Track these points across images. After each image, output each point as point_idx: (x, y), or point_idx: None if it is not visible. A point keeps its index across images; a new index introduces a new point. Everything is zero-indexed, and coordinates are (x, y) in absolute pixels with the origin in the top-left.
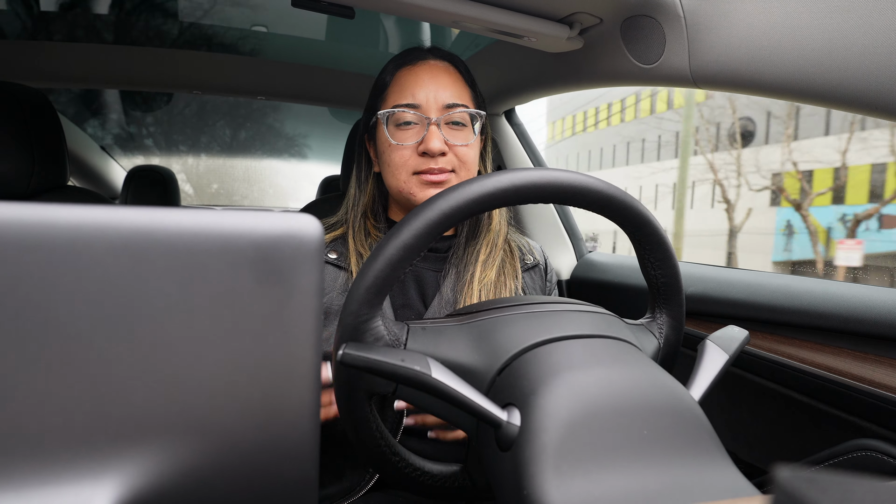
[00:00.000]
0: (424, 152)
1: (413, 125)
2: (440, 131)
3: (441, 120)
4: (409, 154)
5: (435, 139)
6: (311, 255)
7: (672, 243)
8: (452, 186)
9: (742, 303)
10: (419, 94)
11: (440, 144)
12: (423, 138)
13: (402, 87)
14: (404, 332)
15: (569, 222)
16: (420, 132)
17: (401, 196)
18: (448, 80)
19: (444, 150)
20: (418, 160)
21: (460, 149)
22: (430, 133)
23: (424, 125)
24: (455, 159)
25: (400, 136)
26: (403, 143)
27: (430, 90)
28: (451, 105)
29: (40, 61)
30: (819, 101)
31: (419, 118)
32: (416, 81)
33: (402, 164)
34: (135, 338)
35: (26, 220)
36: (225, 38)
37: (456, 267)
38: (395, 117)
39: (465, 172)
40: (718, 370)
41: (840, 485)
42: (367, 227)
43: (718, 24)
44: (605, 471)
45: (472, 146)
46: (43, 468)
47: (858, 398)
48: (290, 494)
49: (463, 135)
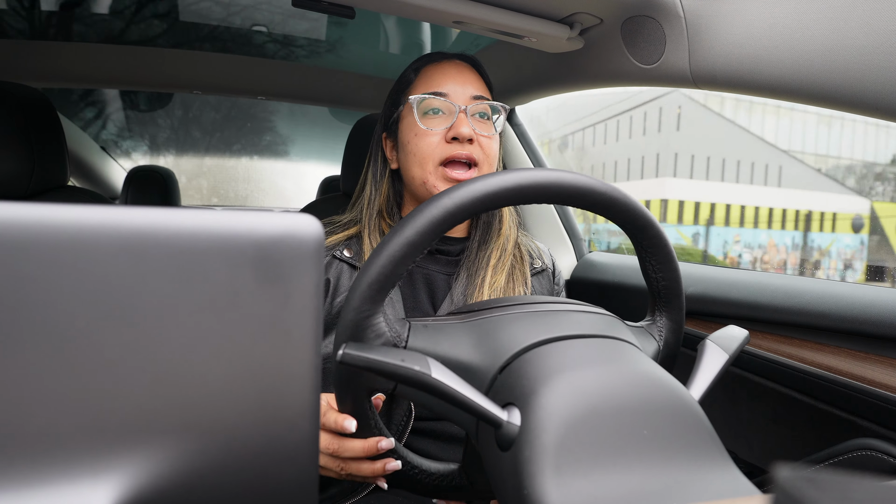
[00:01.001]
0: (454, 137)
1: (441, 114)
2: (468, 119)
3: (469, 109)
4: (437, 141)
5: (464, 125)
6: (311, 256)
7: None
8: (456, 185)
9: (742, 303)
10: (447, 85)
11: (469, 130)
12: (451, 125)
13: (430, 79)
14: (406, 329)
15: (569, 222)
16: (448, 120)
17: (423, 188)
18: (472, 76)
19: (473, 138)
20: (445, 147)
21: (485, 140)
22: (460, 119)
23: (452, 114)
24: (480, 151)
25: (429, 123)
26: (433, 129)
27: (458, 82)
28: (478, 97)
29: (41, 61)
30: (819, 101)
31: (447, 107)
32: (444, 74)
33: (429, 153)
34: (135, 338)
35: (26, 221)
36: (225, 38)
37: (467, 270)
38: (424, 104)
39: (488, 166)
40: (718, 370)
41: (840, 484)
42: (381, 226)
43: (719, 24)
44: (605, 470)
45: (494, 139)
46: (43, 468)
47: (858, 397)
48: (290, 495)
49: (488, 127)
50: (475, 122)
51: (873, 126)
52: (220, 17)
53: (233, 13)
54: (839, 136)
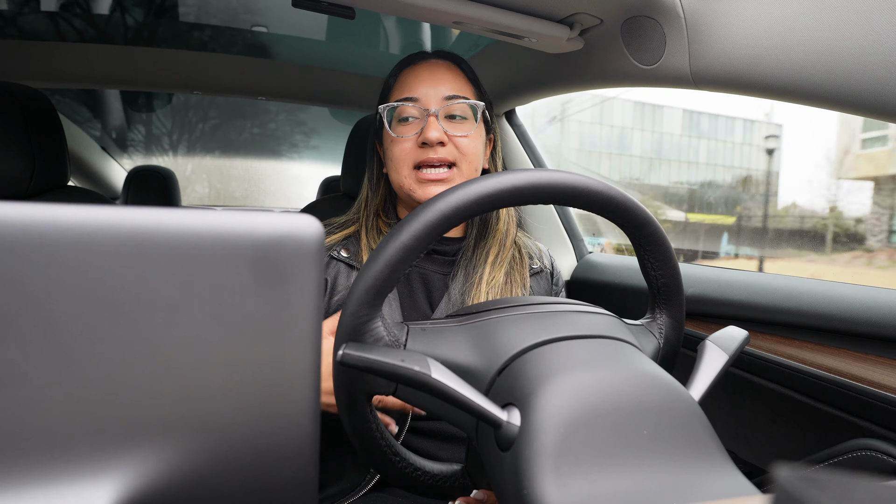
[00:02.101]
0: (424, 143)
1: (413, 120)
2: (439, 122)
3: (440, 112)
4: (409, 147)
5: (433, 129)
6: (312, 256)
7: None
8: (452, 188)
9: (742, 303)
10: (418, 88)
11: (438, 134)
12: (421, 130)
13: (404, 84)
14: (404, 332)
15: (569, 223)
16: (419, 125)
17: (402, 192)
18: (448, 75)
19: (443, 140)
20: (418, 152)
21: (460, 140)
22: (429, 123)
23: (424, 118)
24: (455, 151)
25: (401, 130)
26: (404, 136)
27: (429, 84)
28: (450, 97)
29: (41, 61)
30: (819, 102)
31: (419, 111)
32: (417, 78)
33: (402, 158)
34: (135, 338)
35: (27, 221)
36: (225, 38)
37: (464, 268)
38: (397, 112)
39: (467, 165)
40: (718, 370)
41: (840, 484)
42: (378, 225)
43: (719, 25)
44: (604, 471)
45: (472, 137)
46: (43, 468)
47: (858, 398)
48: (290, 495)
49: (463, 127)
50: (449, 124)
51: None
52: (220, 17)
53: (233, 13)
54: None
